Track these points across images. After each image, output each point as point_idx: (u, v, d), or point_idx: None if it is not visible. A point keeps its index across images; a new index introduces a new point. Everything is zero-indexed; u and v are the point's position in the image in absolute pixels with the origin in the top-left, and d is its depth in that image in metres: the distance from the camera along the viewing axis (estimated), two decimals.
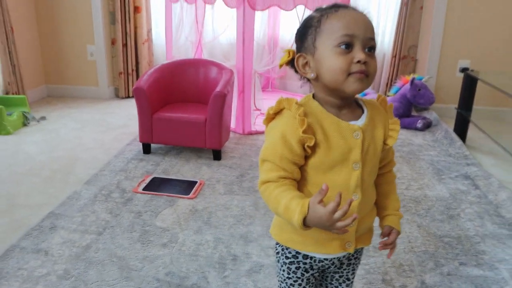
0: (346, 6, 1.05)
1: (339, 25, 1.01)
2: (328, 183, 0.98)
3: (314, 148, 1.06)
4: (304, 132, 1.03)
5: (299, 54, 1.09)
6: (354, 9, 1.05)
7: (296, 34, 1.13)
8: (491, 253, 2.11)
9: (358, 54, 1.00)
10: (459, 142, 3.49)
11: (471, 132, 3.69)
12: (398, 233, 1.24)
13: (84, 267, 1.94)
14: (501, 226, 2.34)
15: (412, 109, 4.13)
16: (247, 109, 3.53)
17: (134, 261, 1.98)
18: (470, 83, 3.63)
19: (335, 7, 1.05)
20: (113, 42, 4.72)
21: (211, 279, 1.88)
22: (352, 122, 1.08)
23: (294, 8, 3.41)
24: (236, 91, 3.45)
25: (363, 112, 1.12)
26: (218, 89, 2.95)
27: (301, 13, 3.54)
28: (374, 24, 4.03)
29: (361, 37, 1.01)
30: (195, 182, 2.73)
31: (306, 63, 1.07)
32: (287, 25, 4.66)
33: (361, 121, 1.10)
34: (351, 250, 1.18)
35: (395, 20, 4.46)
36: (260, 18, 4.44)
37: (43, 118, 4.04)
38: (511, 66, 4.18)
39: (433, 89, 4.33)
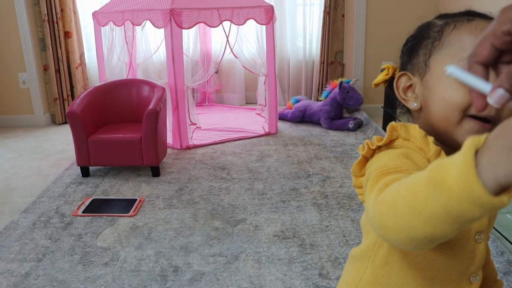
0: (485, 16, 0.74)
1: (472, 41, 0.67)
2: (436, 264, 0.71)
3: None
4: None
5: (402, 72, 0.81)
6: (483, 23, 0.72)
7: (404, 45, 0.84)
8: None
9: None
10: None
11: None
12: None
13: None
14: None
15: (343, 111, 4.32)
16: (183, 124, 3.59)
17: (75, 283, 2.00)
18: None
19: (468, 15, 0.75)
20: (45, 69, 4.67)
21: None
22: None
23: (221, 24, 3.52)
24: (171, 108, 3.52)
25: None
26: (150, 107, 3.01)
27: (228, 28, 3.67)
28: (300, 32, 4.20)
29: None
30: (135, 200, 2.77)
31: (410, 86, 0.80)
32: (218, 39, 4.77)
33: None
34: None
35: (320, 28, 4.66)
36: (192, 34, 4.53)
37: None
38: None
39: (361, 90, 4.55)
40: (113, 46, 3.92)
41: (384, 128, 3.92)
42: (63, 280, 2.03)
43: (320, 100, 4.38)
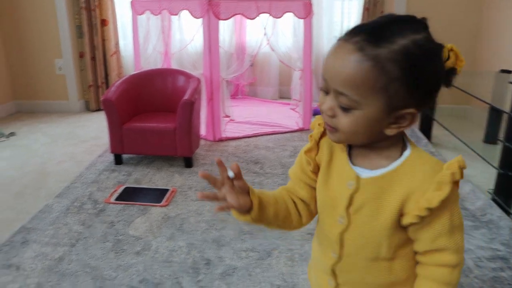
0: (342, 38, 0.85)
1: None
2: (320, 226, 0.97)
3: (316, 176, 0.98)
4: (307, 152, 0.96)
5: None
6: (340, 45, 0.83)
7: None
8: None
9: (324, 103, 0.85)
10: (424, 140, 3.60)
11: (436, 130, 3.81)
12: None
13: (57, 279, 1.95)
14: (465, 218, 2.43)
15: None
16: (217, 116, 3.57)
17: (107, 271, 2.00)
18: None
19: (343, 34, 0.85)
20: (81, 56, 4.71)
21: (185, 284, 1.91)
22: (360, 169, 0.90)
23: (258, 16, 3.47)
24: (205, 99, 3.50)
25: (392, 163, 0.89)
26: (185, 97, 2.99)
27: (265, 21, 3.62)
28: (338, 27, 4.11)
29: (332, 86, 0.82)
30: (167, 190, 2.76)
31: None
32: (254, 32, 4.73)
33: (374, 173, 0.89)
34: None
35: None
36: (227, 26, 4.50)
37: (12, 134, 4.01)
38: (469, 66, 4.33)
39: None
40: (148, 35, 3.91)
41: (421, 130, 3.82)
42: (96, 266, 2.03)
43: None
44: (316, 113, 4.33)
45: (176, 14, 3.55)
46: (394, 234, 0.89)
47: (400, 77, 0.78)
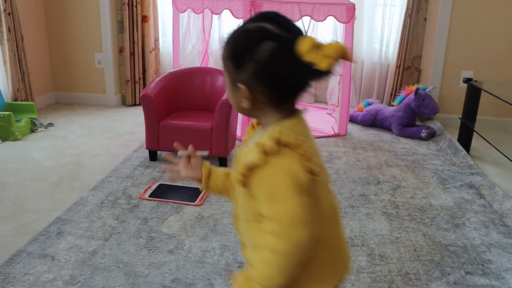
0: None
1: None
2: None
3: None
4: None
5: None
6: None
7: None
8: (497, 262, 2.12)
9: None
10: (463, 151, 3.50)
11: (475, 142, 3.70)
12: None
13: (91, 272, 1.95)
14: (506, 236, 2.35)
15: (416, 118, 4.14)
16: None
17: (140, 267, 2.00)
18: (473, 93, 3.64)
19: None
20: (120, 50, 4.76)
21: (218, 286, 1.89)
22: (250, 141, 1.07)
23: (300, 19, 3.44)
24: None
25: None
26: (224, 97, 2.97)
27: (307, 24, 3.58)
28: (378, 34, 4.03)
29: None
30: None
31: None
32: None
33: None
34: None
35: (399, 31, 4.49)
36: None
37: (50, 124, 4.07)
38: None
39: (437, 99, 4.35)
40: (188, 33, 3.92)
41: (460, 141, 3.71)
42: (128, 262, 2.03)
43: (393, 105, 4.22)
44: (352, 119, 4.27)
45: (218, 14, 3.55)
46: (249, 200, 0.98)
47: (228, 56, 0.98)
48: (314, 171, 0.92)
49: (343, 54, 0.89)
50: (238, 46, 0.96)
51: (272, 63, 0.93)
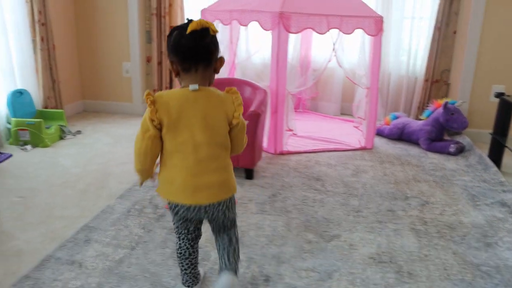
0: None
1: None
2: None
3: None
4: None
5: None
6: None
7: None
8: None
9: None
10: (494, 168, 3.43)
11: (507, 158, 3.63)
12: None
13: (117, 281, 1.96)
14: None
15: (445, 133, 4.08)
16: (280, 129, 3.54)
17: (166, 278, 2.00)
18: (506, 108, 3.57)
19: None
20: (148, 60, 4.82)
21: None
22: None
23: (328, 32, 3.43)
24: (269, 111, 3.47)
25: None
26: (252, 108, 2.97)
27: (335, 36, 3.56)
28: (405, 46, 3.98)
29: None
30: None
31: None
32: (320, 47, 4.68)
33: None
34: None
35: (428, 43, 4.44)
36: (294, 39, 4.48)
37: (78, 132, 4.14)
38: None
39: (466, 113, 4.27)
40: None
41: (490, 157, 3.64)
42: (155, 272, 2.03)
43: (421, 119, 4.16)
44: (379, 132, 4.23)
45: (246, 25, 3.56)
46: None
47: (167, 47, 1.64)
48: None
49: (197, 24, 1.52)
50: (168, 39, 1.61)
51: (174, 41, 1.57)
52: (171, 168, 1.63)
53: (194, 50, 1.55)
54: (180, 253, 1.78)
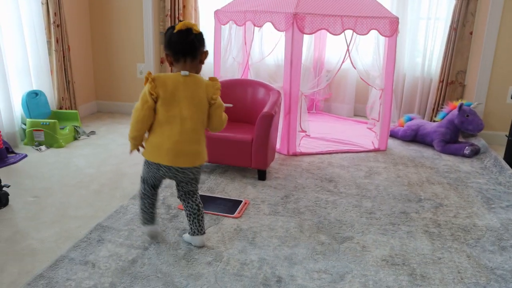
0: None
1: None
2: None
3: None
4: None
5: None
6: None
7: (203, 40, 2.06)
8: None
9: None
10: (509, 170, 3.38)
11: None
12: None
13: (130, 281, 1.97)
14: None
15: (459, 135, 4.03)
16: (293, 131, 3.53)
17: (179, 278, 2.00)
18: None
19: None
20: (161, 61, 4.84)
21: None
22: None
23: (342, 33, 3.41)
24: (283, 112, 3.47)
25: None
26: (266, 109, 2.97)
27: (349, 37, 3.54)
28: (420, 48, 3.93)
29: None
30: (240, 202, 2.75)
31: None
32: (334, 48, 4.66)
33: None
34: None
35: (443, 44, 4.40)
36: (307, 41, 4.46)
37: (92, 132, 4.17)
38: None
39: (481, 115, 4.23)
40: (230, 45, 3.95)
41: (506, 159, 3.59)
42: (167, 273, 2.04)
43: (435, 121, 4.13)
44: (393, 134, 4.20)
45: (260, 26, 3.56)
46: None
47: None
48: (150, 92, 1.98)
49: (182, 25, 1.99)
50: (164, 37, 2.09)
51: (166, 38, 2.04)
52: (160, 135, 2.05)
53: (181, 45, 1.99)
54: (145, 194, 2.22)
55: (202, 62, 2.08)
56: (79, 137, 4.00)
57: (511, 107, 3.71)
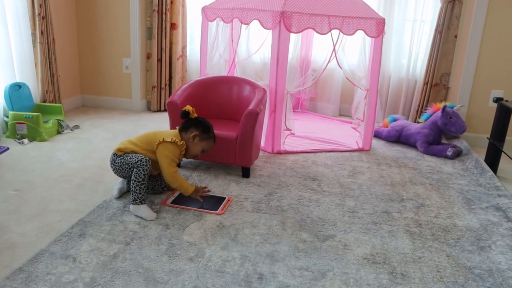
0: None
1: None
2: None
3: None
4: None
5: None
6: None
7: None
8: None
9: None
10: (490, 172, 3.43)
11: (503, 163, 3.63)
12: None
13: (111, 276, 1.96)
14: None
15: (443, 136, 4.08)
16: (278, 129, 3.54)
17: (160, 274, 2.00)
18: (504, 113, 3.58)
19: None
20: (148, 57, 4.82)
21: None
22: None
23: (329, 32, 3.43)
24: (268, 110, 3.47)
25: None
26: (251, 107, 2.97)
27: (336, 37, 3.56)
28: (406, 49, 3.99)
29: None
30: (224, 198, 2.75)
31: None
32: (320, 48, 4.68)
33: None
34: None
35: (429, 47, 4.45)
36: (294, 39, 4.48)
37: (76, 126, 4.13)
38: None
39: (464, 117, 4.28)
40: (216, 42, 3.95)
41: (487, 161, 3.64)
42: (149, 268, 2.03)
43: (419, 122, 4.17)
44: (377, 134, 4.23)
45: (247, 24, 3.56)
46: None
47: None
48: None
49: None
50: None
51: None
52: None
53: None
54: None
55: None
56: (62, 131, 3.96)
57: (493, 110, 3.75)
